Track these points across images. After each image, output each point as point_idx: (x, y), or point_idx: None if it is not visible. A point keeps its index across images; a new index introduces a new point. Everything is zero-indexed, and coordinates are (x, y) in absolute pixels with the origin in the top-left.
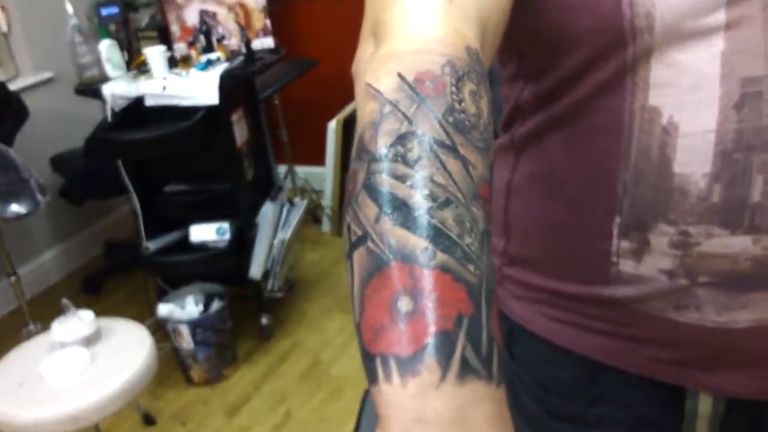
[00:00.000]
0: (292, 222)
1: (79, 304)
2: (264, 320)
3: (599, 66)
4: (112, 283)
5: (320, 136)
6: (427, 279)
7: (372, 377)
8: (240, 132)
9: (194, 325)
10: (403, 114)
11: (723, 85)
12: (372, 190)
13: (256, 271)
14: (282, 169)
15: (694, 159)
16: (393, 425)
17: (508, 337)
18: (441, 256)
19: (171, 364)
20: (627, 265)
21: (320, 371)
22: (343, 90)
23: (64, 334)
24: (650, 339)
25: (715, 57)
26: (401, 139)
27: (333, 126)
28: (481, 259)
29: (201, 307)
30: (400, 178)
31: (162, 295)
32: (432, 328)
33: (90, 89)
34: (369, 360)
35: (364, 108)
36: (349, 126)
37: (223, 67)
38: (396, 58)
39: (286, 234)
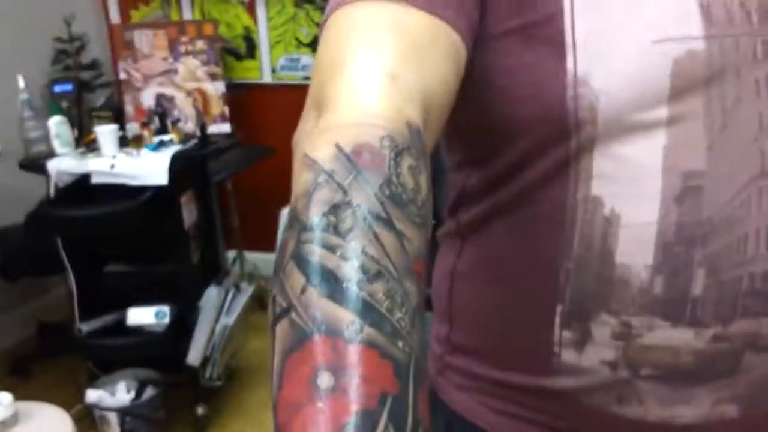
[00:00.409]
0: (237, 307)
1: (5, 386)
2: (200, 410)
3: (543, 155)
4: (42, 365)
5: (272, 222)
6: (352, 354)
7: None
8: (188, 214)
9: (124, 413)
10: (338, 184)
11: (664, 178)
12: (300, 260)
13: (194, 357)
14: (231, 254)
15: (635, 250)
16: None
17: (447, 428)
18: (368, 331)
19: None
20: (569, 356)
21: None
22: None
23: None
24: None
25: (657, 150)
26: (335, 208)
27: (285, 213)
28: (411, 336)
29: (132, 394)
30: (331, 249)
31: (93, 381)
32: (353, 407)
33: (35, 164)
34: None
35: (299, 178)
36: None
37: (175, 148)
38: (335, 129)
39: (229, 319)
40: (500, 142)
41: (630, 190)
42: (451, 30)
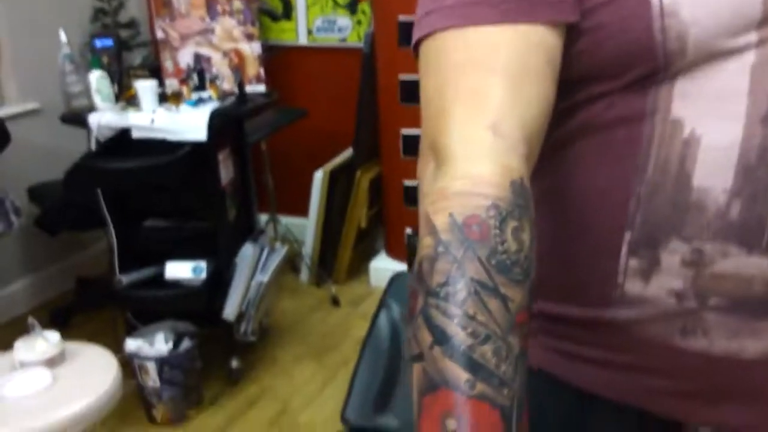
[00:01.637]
0: (272, 266)
1: None
2: (234, 363)
3: (626, 88)
4: (81, 318)
5: (305, 187)
6: (469, 405)
7: None
8: (225, 171)
9: (162, 362)
10: (454, 257)
11: (750, 98)
12: (428, 320)
13: (230, 311)
14: (264, 218)
15: (714, 173)
16: None
17: None
18: (480, 387)
19: (134, 402)
20: (633, 286)
21: (288, 419)
22: (331, 141)
23: (27, 354)
24: (650, 368)
25: (745, 71)
26: (451, 280)
27: (319, 176)
28: (515, 381)
29: (170, 345)
30: (450, 317)
31: (131, 332)
32: None
33: (76, 118)
34: None
35: (423, 239)
36: (335, 177)
37: (213, 105)
38: (449, 197)
39: (264, 277)
40: (584, 81)
41: (713, 112)
42: (548, 32)
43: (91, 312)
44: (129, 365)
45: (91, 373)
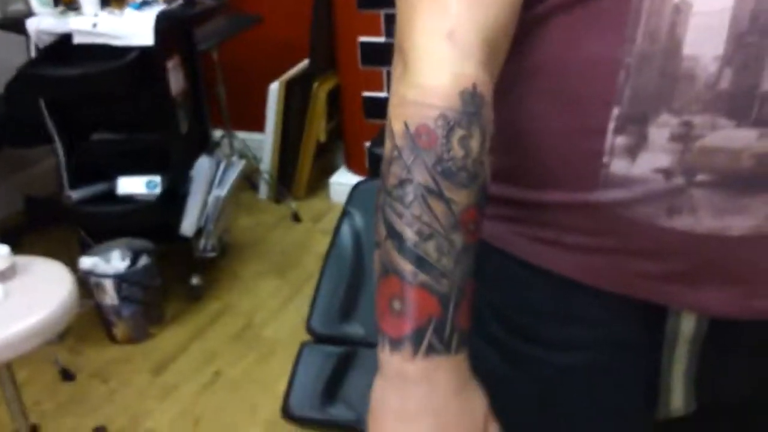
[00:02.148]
0: (229, 180)
1: None
2: (194, 280)
3: None
4: (33, 238)
5: (260, 100)
6: (412, 292)
7: (378, 341)
8: (175, 81)
9: (119, 279)
10: (405, 162)
11: None
12: (384, 216)
13: (188, 227)
14: (219, 134)
15: (705, 40)
16: (384, 377)
17: (481, 260)
18: (422, 277)
19: (93, 321)
20: (619, 166)
21: (252, 333)
22: (287, 51)
23: None
24: (634, 251)
25: None
26: (402, 183)
27: (275, 88)
28: (455, 273)
29: (127, 263)
30: (399, 216)
31: (86, 251)
32: (410, 324)
33: (13, 24)
34: (378, 329)
35: (386, 140)
36: (291, 89)
37: (159, 8)
38: (405, 105)
39: (222, 191)
40: None
41: None
42: None
43: (43, 232)
44: (86, 285)
45: (45, 287)
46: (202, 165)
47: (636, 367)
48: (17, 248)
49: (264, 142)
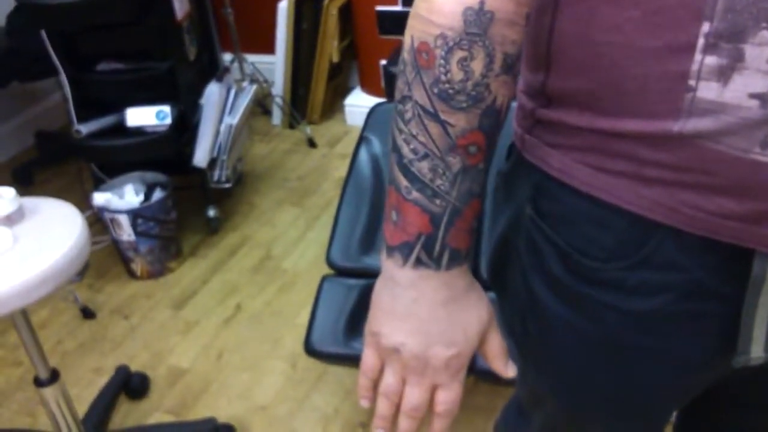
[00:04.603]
0: (241, 107)
1: None
2: (211, 212)
3: None
4: (47, 175)
5: (269, 20)
6: (405, 206)
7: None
8: (180, 3)
9: (134, 215)
10: (407, 78)
11: None
12: (391, 126)
13: (201, 158)
14: (228, 58)
15: None
16: (382, 277)
17: (536, 192)
18: (415, 194)
19: (111, 257)
20: (708, 90)
21: (272, 265)
22: None
23: None
24: (721, 188)
25: None
26: (403, 99)
27: (284, 6)
28: (450, 194)
29: (142, 197)
30: (399, 131)
31: (99, 185)
32: (402, 237)
33: None
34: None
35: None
36: (300, 7)
37: None
38: (415, 18)
39: (234, 119)
40: None
41: None
42: None
43: (55, 168)
44: (101, 221)
45: (54, 229)
46: (212, 92)
47: (715, 315)
48: (30, 186)
49: (275, 65)
